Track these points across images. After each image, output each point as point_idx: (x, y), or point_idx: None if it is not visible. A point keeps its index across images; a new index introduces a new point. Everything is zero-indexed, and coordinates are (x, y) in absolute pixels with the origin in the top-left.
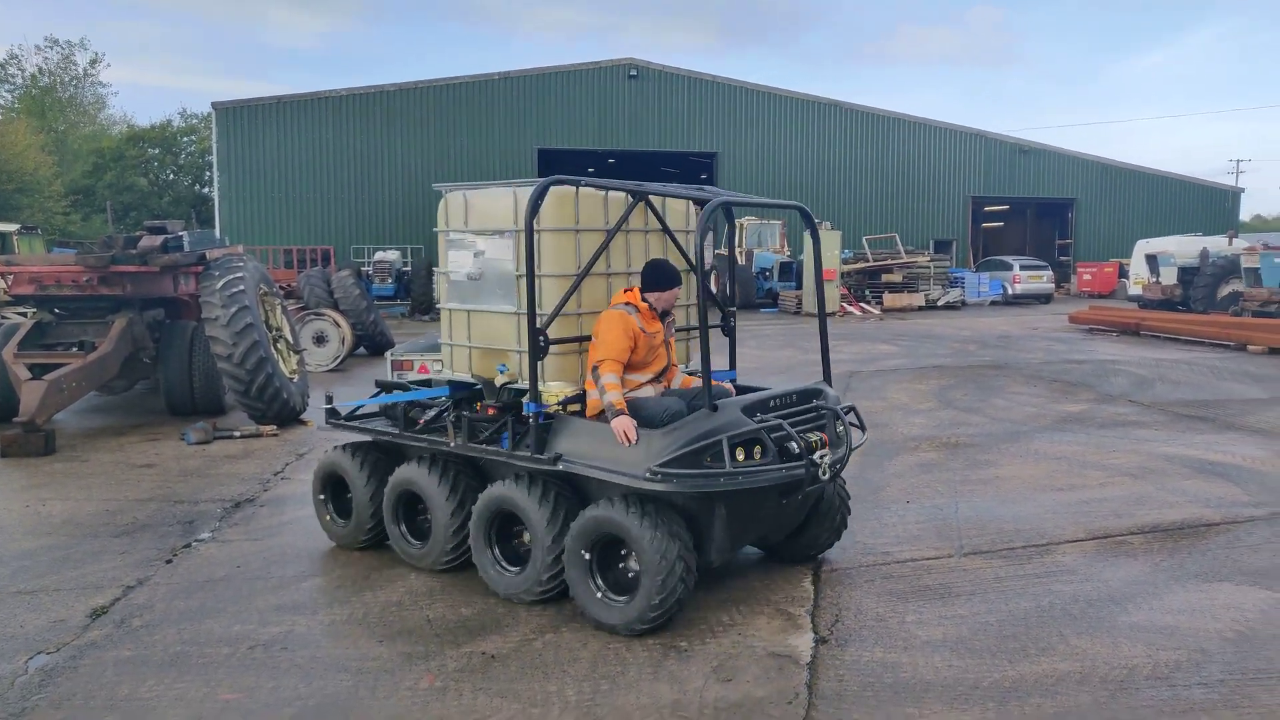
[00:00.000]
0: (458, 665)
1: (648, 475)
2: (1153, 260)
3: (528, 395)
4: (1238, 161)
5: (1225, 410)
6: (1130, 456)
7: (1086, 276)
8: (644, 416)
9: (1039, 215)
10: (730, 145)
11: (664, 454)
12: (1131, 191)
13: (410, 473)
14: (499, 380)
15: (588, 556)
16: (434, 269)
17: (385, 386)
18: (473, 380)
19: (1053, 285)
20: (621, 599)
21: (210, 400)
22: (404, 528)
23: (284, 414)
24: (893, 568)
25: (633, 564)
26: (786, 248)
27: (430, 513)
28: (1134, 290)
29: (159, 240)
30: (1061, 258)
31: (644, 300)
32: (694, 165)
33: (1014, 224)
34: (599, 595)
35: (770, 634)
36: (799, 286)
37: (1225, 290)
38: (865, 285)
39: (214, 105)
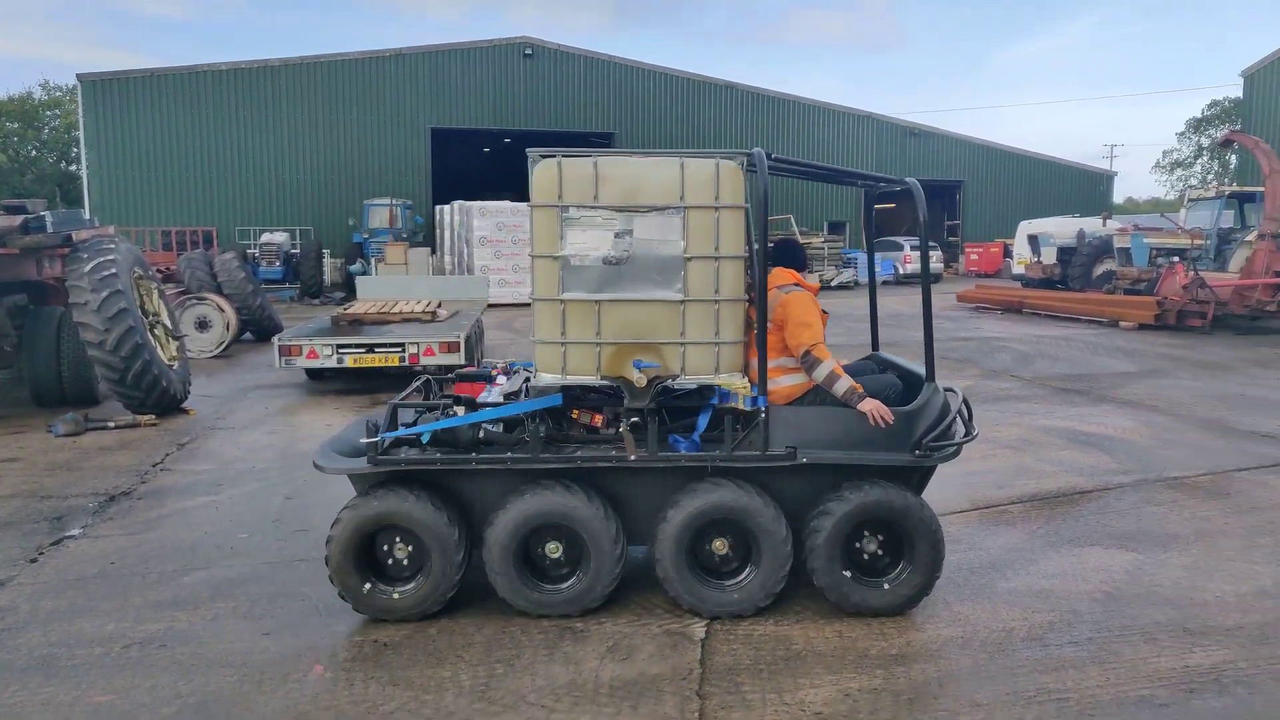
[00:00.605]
0: (349, 655)
1: (918, 453)
2: (1034, 240)
3: (751, 390)
4: (1112, 146)
5: (1099, 384)
6: (1012, 429)
7: (973, 256)
8: (873, 395)
9: (928, 197)
10: (627, 126)
11: (922, 430)
12: (1015, 174)
13: (551, 501)
14: (640, 379)
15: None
16: (324, 250)
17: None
18: (602, 383)
19: (942, 265)
20: (881, 579)
21: (81, 390)
22: (525, 571)
23: (163, 402)
24: None
25: (870, 545)
26: None
27: (588, 544)
28: (1017, 270)
29: (18, 220)
30: (950, 238)
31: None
32: (592, 145)
33: (904, 205)
34: (850, 577)
35: (666, 612)
36: None
37: (1100, 269)
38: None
39: (79, 77)
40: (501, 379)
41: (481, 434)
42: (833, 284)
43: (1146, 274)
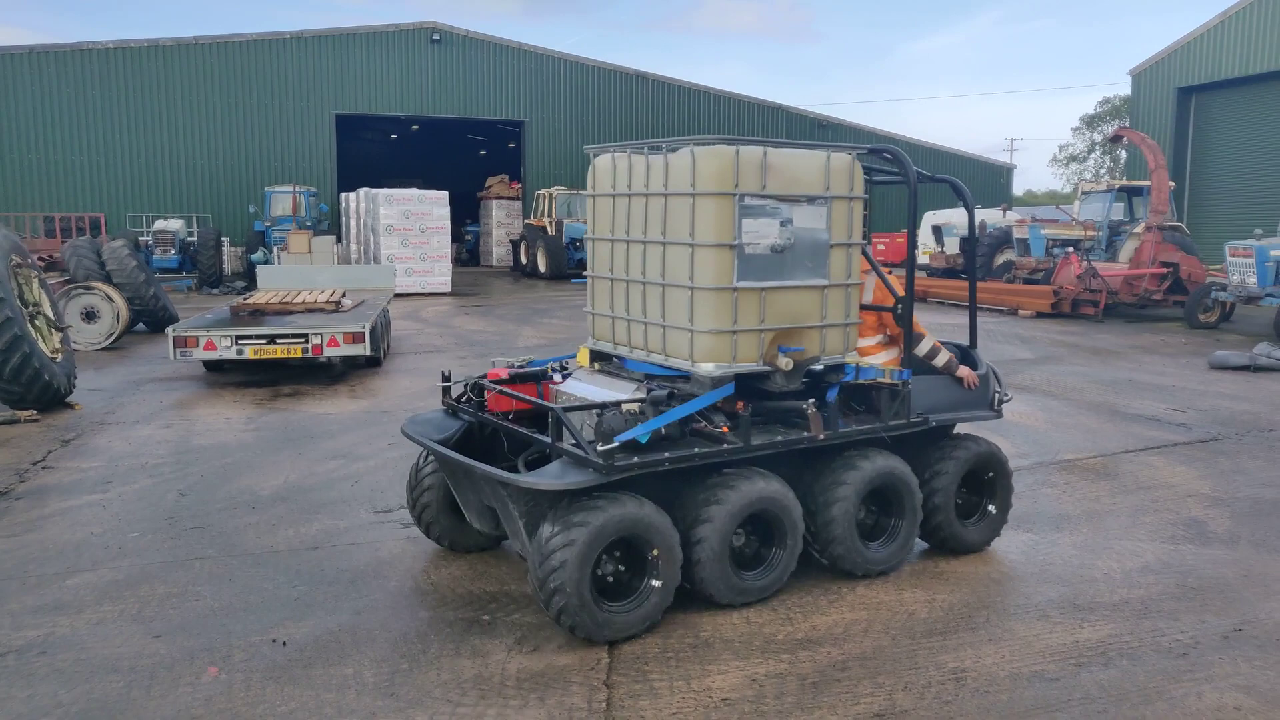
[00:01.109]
0: (245, 655)
1: (994, 409)
2: (938, 231)
3: (898, 363)
4: (1011, 140)
5: (998, 370)
6: None
7: (881, 246)
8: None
9: None
10: (538, 114)
11: (992, 390)
12: (921, 166)
13: (762, 489)
14: (787, 363)
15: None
16: (223, 238)
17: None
18: (765, 368)
19: None
20: (982, 522)
21: None
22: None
23: (45, 397)
24: None
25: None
26: None
27: (786, 526)
28: (923, 259)
29: None
30: None
31: None
32: (502, 133)
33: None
34: (962, 522)
35: None
36: None
37: (1000, 259)
38: None
39: None
40: (558, 376)
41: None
42: None
43: (1043, 264)
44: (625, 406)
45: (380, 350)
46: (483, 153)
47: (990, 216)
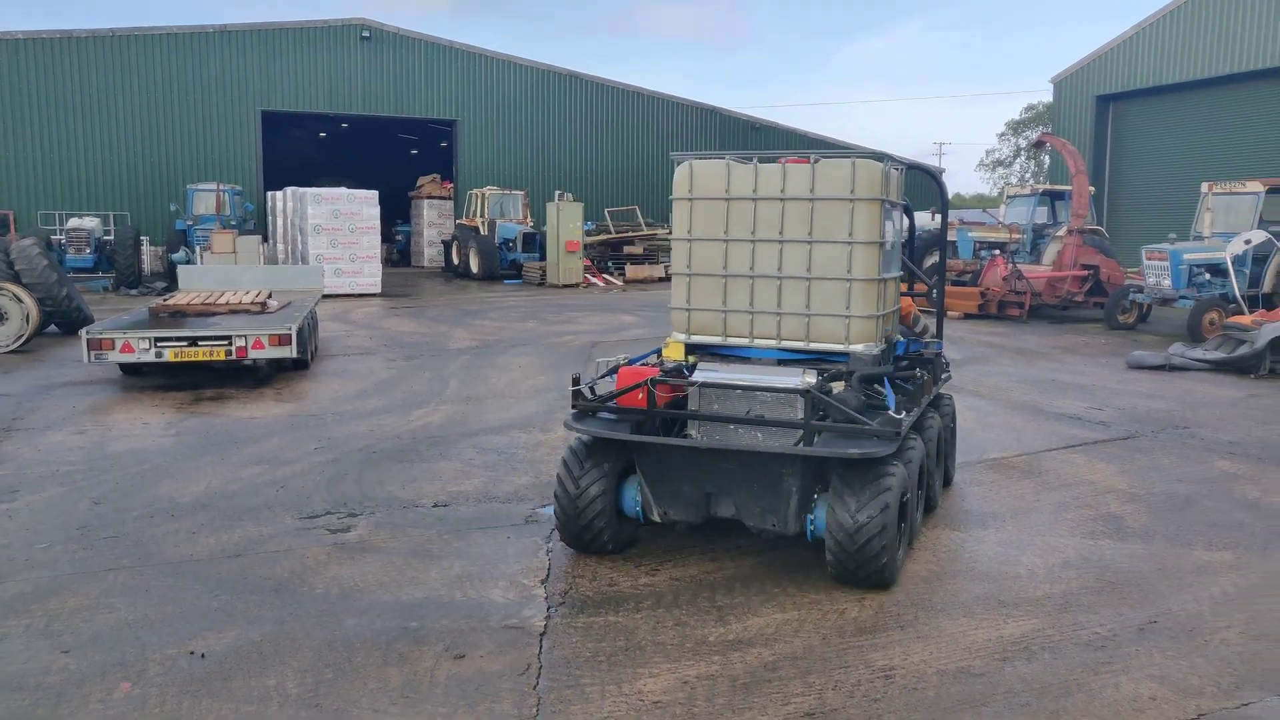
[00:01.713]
0: (161, 669)
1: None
2: None
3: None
4: (941, 144)
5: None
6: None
7: None
8: None
9: None
10: (470, 113)
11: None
12: None
13: (935, 428)
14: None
15: None
16: (142, 237)
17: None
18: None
19: None
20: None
21: None
22: None
23: None
24: None
25: None
26: (529, 218)
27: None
28: None
29: None
30: None
31: None
32: (433, 133)
33: None
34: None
35: (504, 606)
36: (543, 258)
37: (929, 261)
38: (607, 257)
39: None
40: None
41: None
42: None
43: (971, 266)
44: (834, 386)
45: (307, 352)
46: (414, 152)
47: (921, 219)
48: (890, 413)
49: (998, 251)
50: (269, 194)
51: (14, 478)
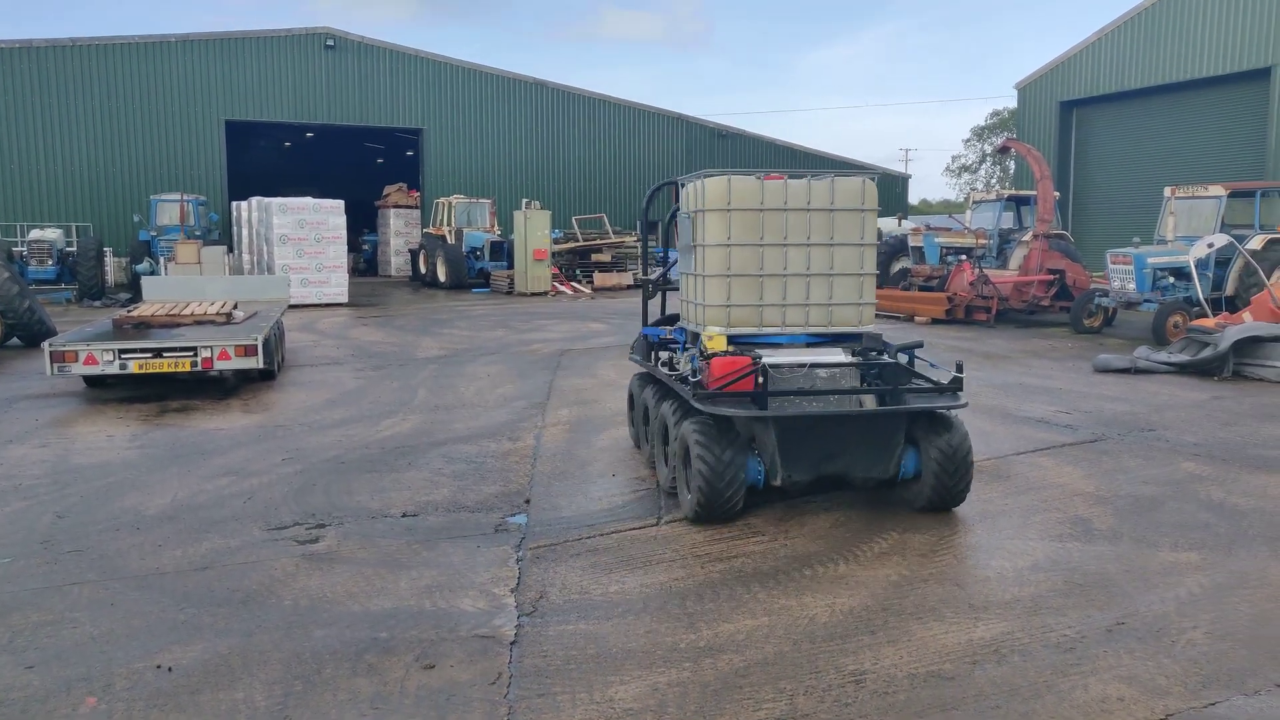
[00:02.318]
0: (127, 683)
1: None
2: None
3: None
4: (906, 150)
5: None
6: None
7: None
8: None
9: None
10: (436, 122)
11: None
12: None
13: None
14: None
15: None
16: (105, 249)
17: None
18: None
19: None
20: None
21: None
22: None
23: None
24: (597, 540)
25: None
26: (497, 227)
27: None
28: None
29: None
30: None
31: None
32: (399, 141)
33: None
34: None
35: (474, 616)
36: (510, 266)
37: (897, 267)
38: (576, 265)
39: None
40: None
41: None
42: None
43: (938, 271)
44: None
45: (274, 363)
46: (380, 161)
47: (887, 225)
48: (953, 373)
49: (964, 257)
50: (234, 204)
51: None
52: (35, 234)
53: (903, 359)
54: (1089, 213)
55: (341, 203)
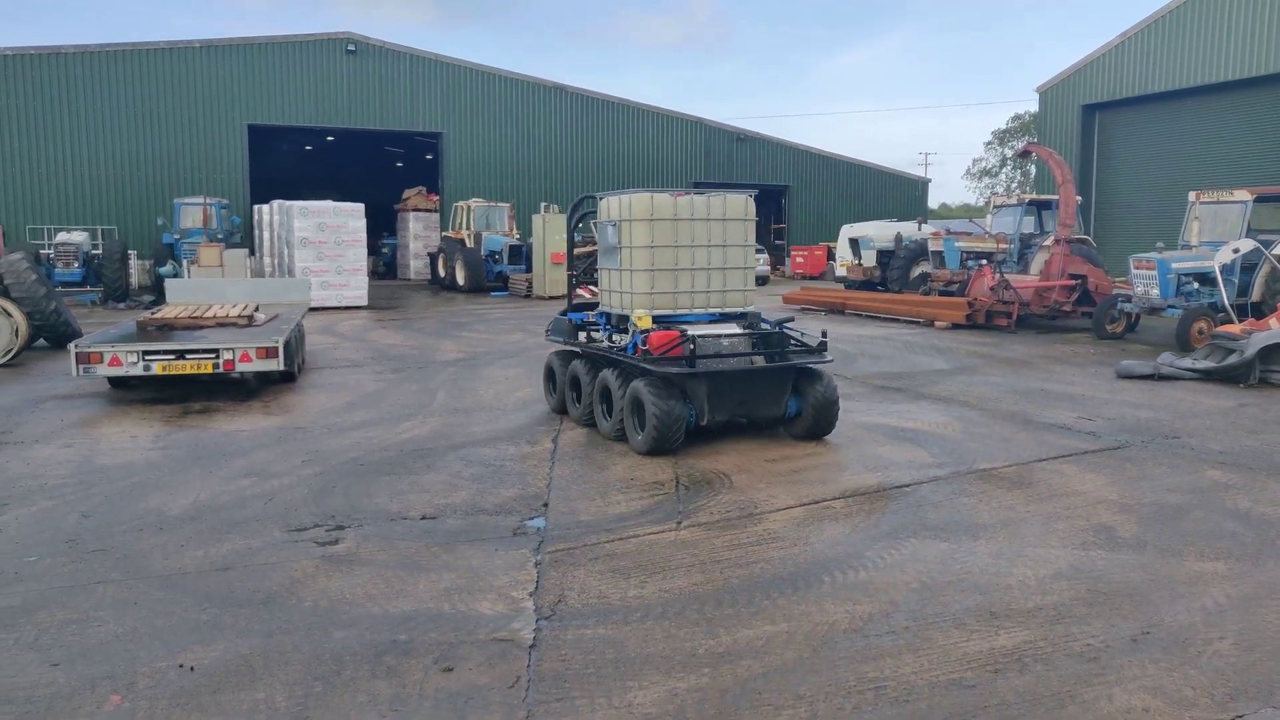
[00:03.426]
0: (150, 682)
1: None
2: (855, 244)
3: None
4: (926, 154)
5: (915, 381)
6: (836, 427)
7: (799, 259)
8: None
9: (756, 201)
10: (455, 126)
11: None
12: (838, 179)
13: None
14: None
15: None
16: (130, 251)
17: None
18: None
19: (769, 267)
20: None
21: None
22: None
23: None
24: (616, 545)
25: None
26: (515, 230)
27: None
28: (840, 272)
29: None
30: (777, 241)
31: None
32: (419, 145)
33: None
34: None
35: (493, 619)
36: (529, 270)
37: (917, 271)
38: (594, 268)
39: None
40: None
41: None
42: None
43: (958, 276)
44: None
45: (295, 365)
46: (400, 164)
47: (907, 229)
48: (819, 338)
49: (985, 261)
50: (255, 207)
51: (3, 491)
52: (62, 237)
53: (790, 331)
54: (1111, 217)
55: (361, 206)
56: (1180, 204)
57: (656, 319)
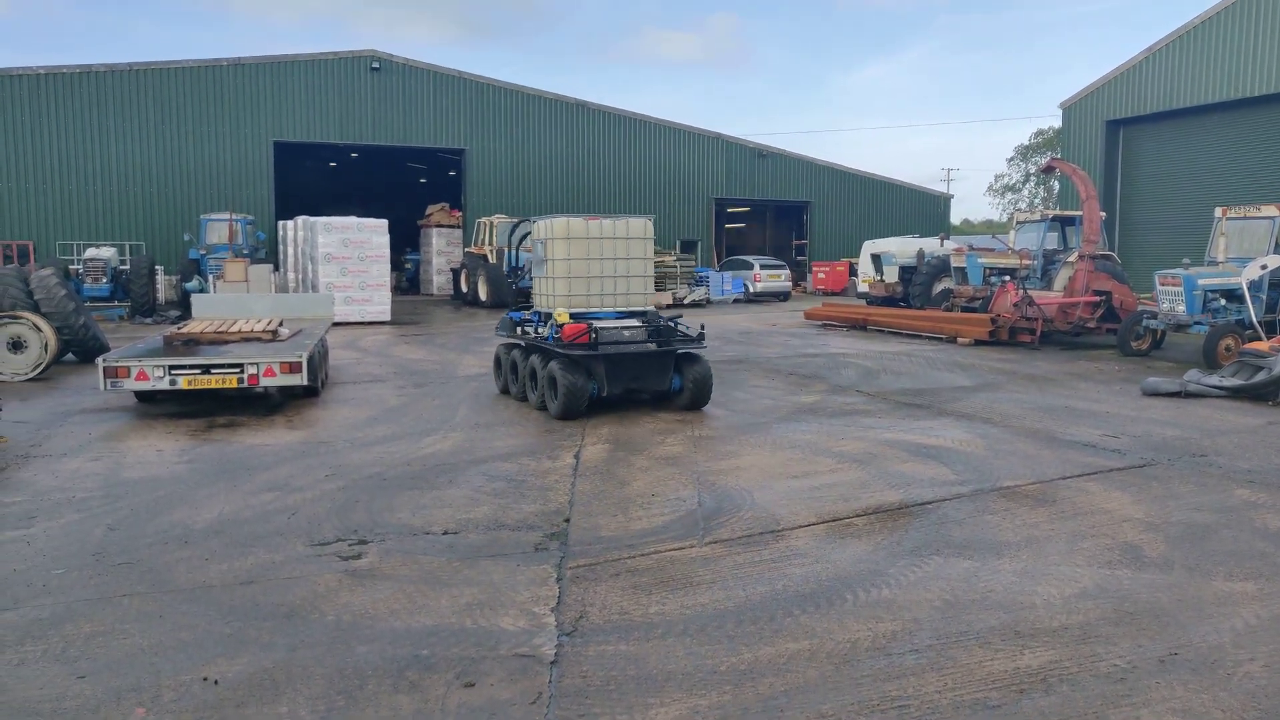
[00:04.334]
0: (175, 695)
1: None
2: (877, 260)
3: None
4: (948, 170)
5: (938, 398)
6: (857, 444)
7: (821, 275)
8: None
9: (777, 217)
10: (479, 142)
11: None
12: (859, 195)
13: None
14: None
15: None
16: (157, 267)
17: None
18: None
19: (790, 284)
20: None
21: None
22: None
23: None
24: (638, 561)
25: None
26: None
27: None
28: (862, 288)
29: None
30: (799, 257)
31: None
32: (442, 162)
33: (754, 225)
34: None
35: (514, 635)
36: None
37: (939, 287)
38: None
39: None
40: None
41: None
42: (686, 301)
43: (981, 292)
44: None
45: (318, 380)
46: (423, 180)
47: (929, 245)
48: (699, 330)
49: (1008, 277)
50: (280, 223)
51: (31, 504)
52: (91, 252)
53: (683, 326)
54: (1136, 233)
55: (385, 222)
56: (1206, 220)
57: (573, 315)
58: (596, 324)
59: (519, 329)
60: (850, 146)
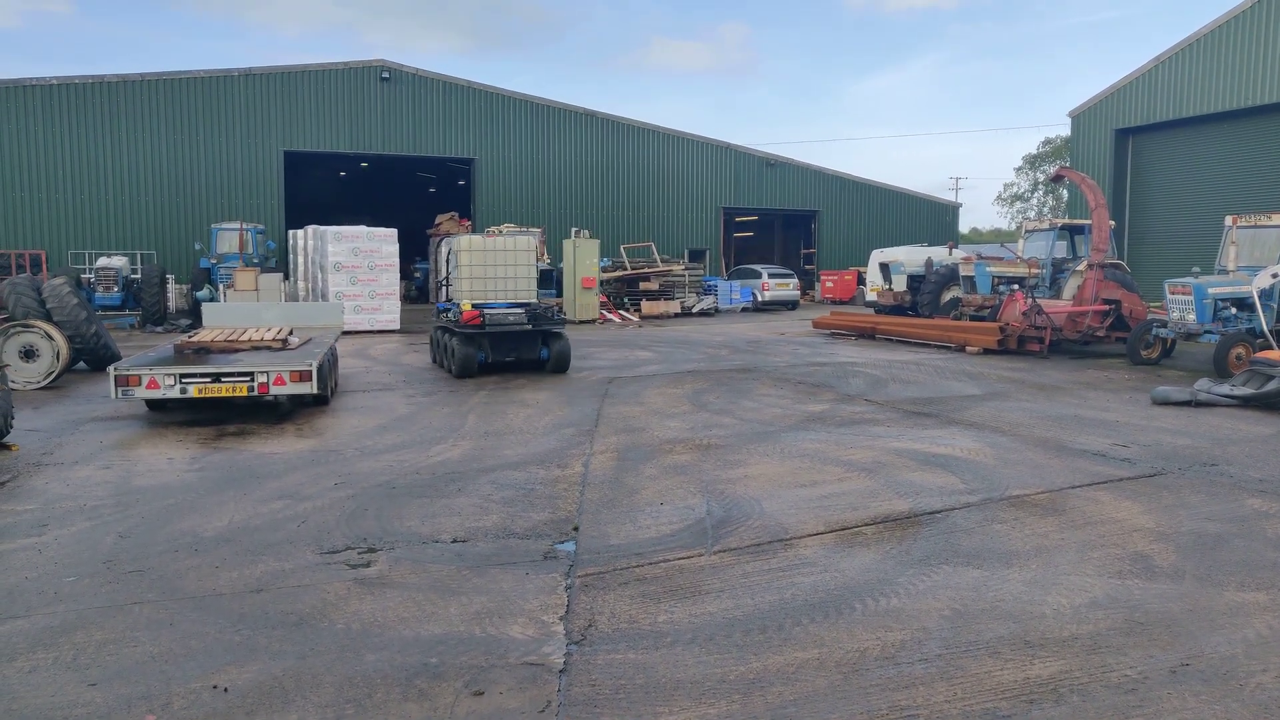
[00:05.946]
0: (185, 703)
1: None
2: (885, 268)
3: None
4: (957, 179)
5: (946, 406)
6: (865, 452)
7: (829, 284)
8: None
9: (785, 226)
10: (488, 152)
11: None
12: (868, 204)
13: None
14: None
15: None
16: (168, 276)
17: None
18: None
19: (799, 292)
20: None
21: None
22: None
23: None
24: (646, 569)
25: None
26: (546, 255)
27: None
28: (870, 296)
29: None
30: (806, 266)
31: None
32: (451, 171)
33: (763, 234)
34: None
35: (523, 643)
36: (559, 294)
37: (947, 296)
38: (624, 293)
39: None
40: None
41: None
42: (694, 310)
43: (989, 301)
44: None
45: (328, 388)
46: (432, 190)
47: (937, 254)
48: (562, 318)
49: (1017, 286)
50: (290, 232)
51: (43, 512)
52: (102, 261)
53: (554, 313)
54: (1145, 242)
55: (394, 231)
56: (1216, 228)
57: (475, 305)
58: (487, 311)
59: (442, 316)
60: (859, 155)
